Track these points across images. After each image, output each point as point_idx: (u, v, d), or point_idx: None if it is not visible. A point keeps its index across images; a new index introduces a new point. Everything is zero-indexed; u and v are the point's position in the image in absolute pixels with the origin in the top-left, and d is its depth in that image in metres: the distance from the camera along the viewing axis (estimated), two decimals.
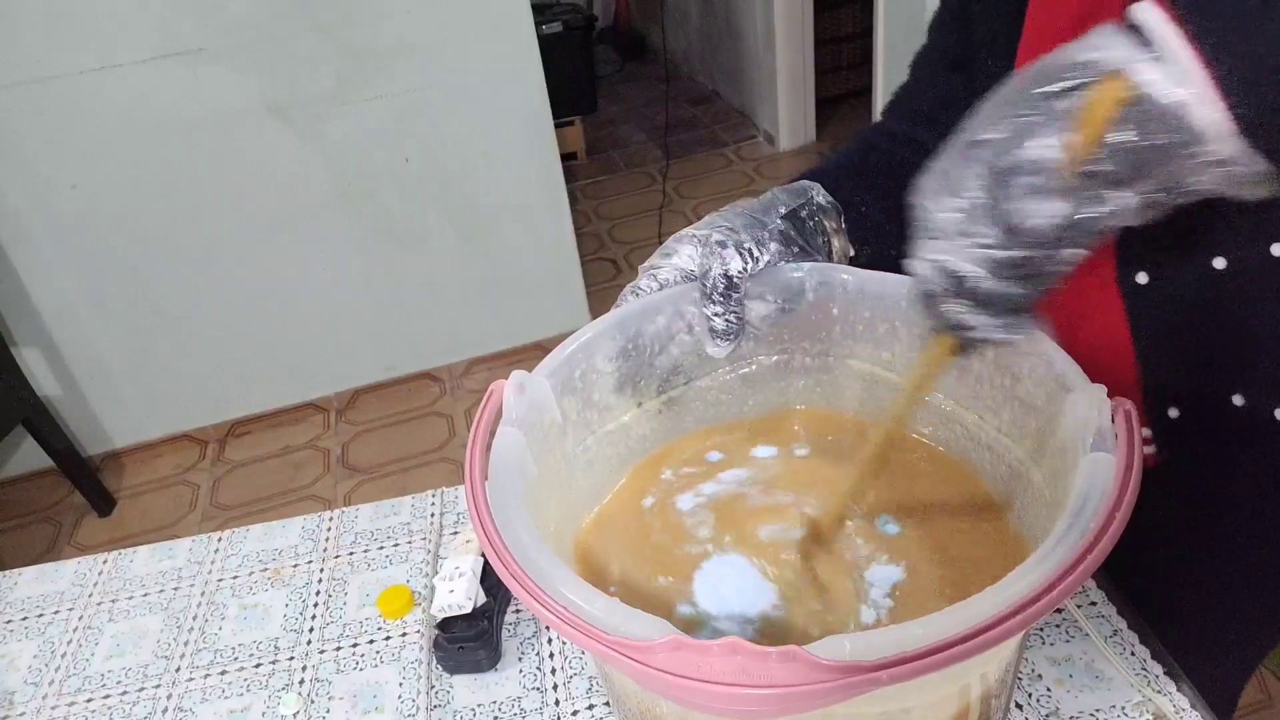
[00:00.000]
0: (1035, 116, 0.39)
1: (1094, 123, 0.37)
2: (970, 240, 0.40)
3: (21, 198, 2.00)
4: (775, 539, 0.57)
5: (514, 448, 0.50)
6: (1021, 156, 0.39)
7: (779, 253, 0.59)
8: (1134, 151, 0.37)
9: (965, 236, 0.40)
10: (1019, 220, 0.39)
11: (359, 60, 2.07)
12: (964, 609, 0.36)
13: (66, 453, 2.10)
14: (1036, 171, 0.38)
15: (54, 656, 0.77)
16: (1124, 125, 0.37)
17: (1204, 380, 0.59)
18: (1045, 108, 0.38)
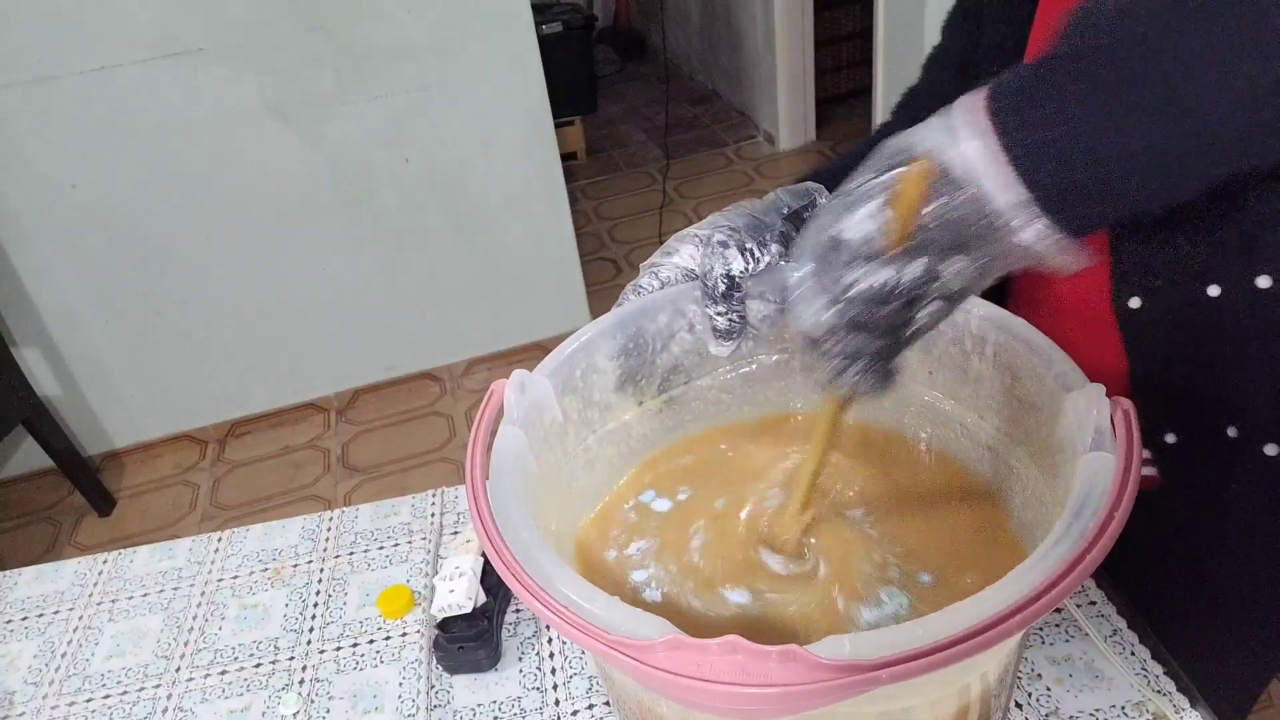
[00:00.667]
0: (859, 193, 0.43)
1: (909, 198, 0.41)
2: (820, 301, 0.44)
3: (21, 198, 2.00)
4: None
5: (515, 447, 0.50)
6: (843, 227, 0.43)
7: (780, 253, 0.59)
8: (944, 224, 0.41)
9: (817, 295, 0.44)
10: (846, 285, 0.43)
11: (359, 60, 2.07)
12: (964, 609, 0.36)
13: (66, 453, 2.10)
14: (856, 241, 0.42)
15: (54, 656, 0.77)
16: (932, 200, 0.41)
17: (1198, 409, 0.60)
18: (867, 186, 0.43)
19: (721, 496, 0.61)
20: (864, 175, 0.43)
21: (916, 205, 0.41)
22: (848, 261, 0.42)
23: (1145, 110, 0.38)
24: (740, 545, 0.57)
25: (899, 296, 0.42)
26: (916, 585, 0.53)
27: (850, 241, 0.42)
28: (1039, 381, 0.50)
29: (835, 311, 0.43)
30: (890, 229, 0.41)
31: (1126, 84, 0.38)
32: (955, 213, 0.41)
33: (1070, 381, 0.48)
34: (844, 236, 0.42)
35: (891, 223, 0.41)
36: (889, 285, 0.42)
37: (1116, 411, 0.43)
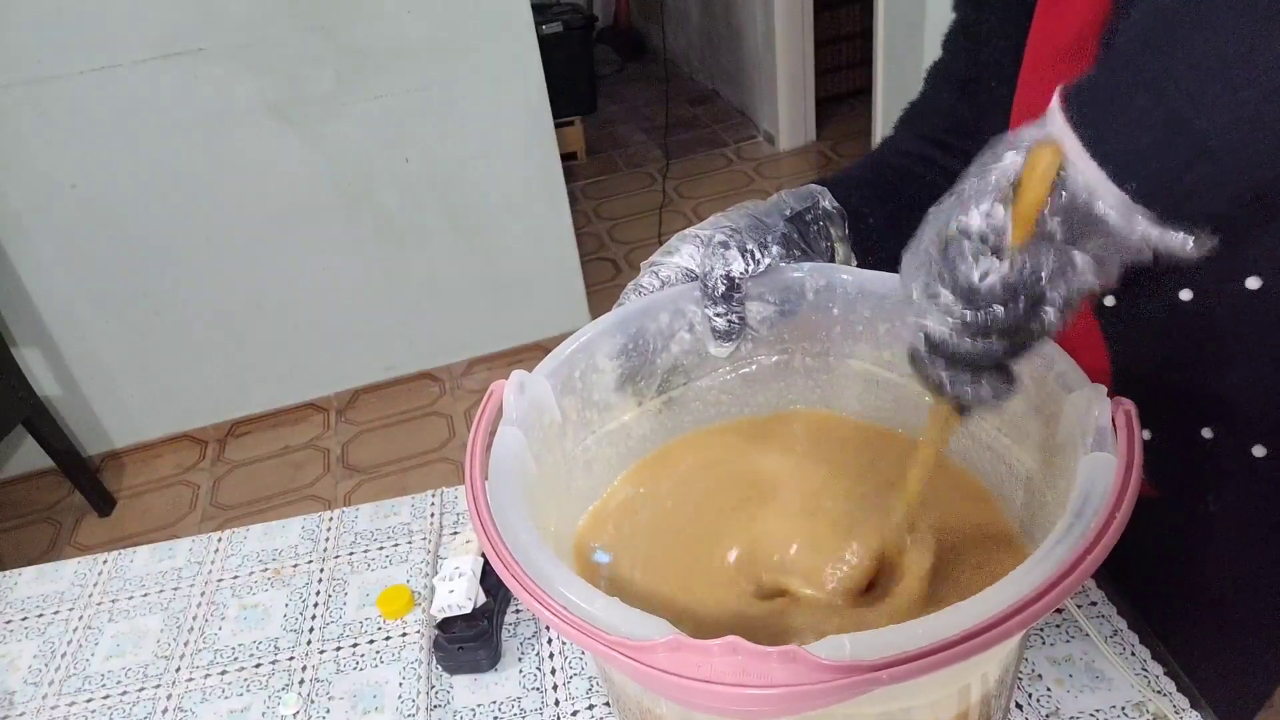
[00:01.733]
0: (979, 186, 0.41)
1: (1038, 184, 0.40)
2: (936, 304, 0.42)
3: (21, 198, 2.00)
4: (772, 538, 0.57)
5: (514, 447, 0.50)
6: (964, 223, 0.41)
7: (781, 255, 0.59)
8: (1066, 216, 0.40)
9: (931, 300, 0.42)
10: (965, 281, 0.41)
11: (359, 60, 2.07)
12: (964, 609, 0.36)
13: (66, 453, 2.10)
14: (977, 236, 0.41)
15: (54, 656, 0.77)
16: (1056, 191, 0.40)
17: (1173, 410, 0.60)
18: (987, 178, 0.41)
19: (722, 493, 0.61)
20: (974, 174, 0.42)
21: (1043, 193, 0.40)
22: (975, 254, 0.41)
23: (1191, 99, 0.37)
24: (742, 543, 0.57)
25: (1028, 289, 0.41)
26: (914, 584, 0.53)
27: (976, 233, 0.41)
28: (1039, 381, 0.50)
29: (964, 308, 0.41)
30: (1016, 218, 0.40)
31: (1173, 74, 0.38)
32: (1075, 205, 0.40)
33: (1071, 381, 0.47)
34: (970, 228, 0.41)
35: (1017, 212, 0.40)
36: (1019, 278, 0.40)
37: (1118, 412, 0.43)
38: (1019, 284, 0.41)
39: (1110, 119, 0.39)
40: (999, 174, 0.41)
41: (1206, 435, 0.60)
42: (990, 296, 0.41)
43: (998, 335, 0.42)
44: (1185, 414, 0.60)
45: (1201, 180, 0.38)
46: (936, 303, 0.42)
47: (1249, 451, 0.58)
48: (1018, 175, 0.40)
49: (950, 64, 0.72)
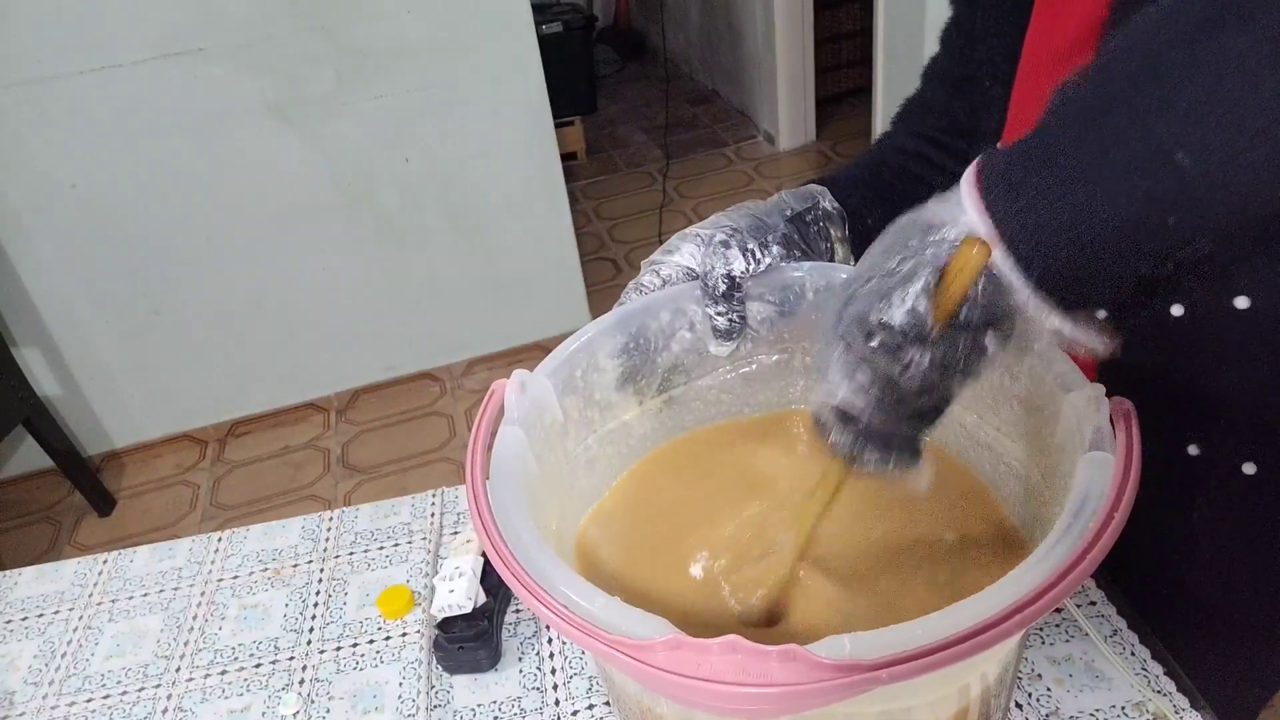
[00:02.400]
0: (899, 275, 0.42)
1: (963, 280, 0.40)
2: (855, 383, 0.43)
3: (21, 198, 2.00)
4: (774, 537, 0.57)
5: (515, 447, 0.50)
6: (889, 316, 0.41)
7: (781, 255, 0.59)
8: (984, 304, 0.41)
9: (850, 379, 0.43)
10: (887, 373, 0.42)
11: (359, 60, 2.07)
12: (964, 609, 0.36)
13: (66, 453, 2.10)
14: (899, 330, 0.41)
15: (54, 656, 0.77)
16: (983, 283, 0.40)
17: (1159, 425, 0.60)
18: (910, 269, 0.41)
19: (722, 493, 0.61)
20: (893, 256, 0.42)
21: (967, 288, 0.40)
22: (891, 349, 0.41)
23: (1129, 168, 0.37)
24: (742, 542, 0.57)
25: (944, 375, 0.42)
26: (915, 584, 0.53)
27: (899, 327, 0.41)
28: (1039, 382, 0.50)
29: (876, 393, 0.43)
30: (929, 311, 0.41)
31: (1108, 145, 0.38)
32: (988, 297, 0.40)
33: (1070, 382, 0.48)
34: (894, 322, 0.41)
35: (939, 304, 0.41)
36: (937, 367, 0.41)
37: (1117, 412, 0.43)
38: (937, 372, 0.42)
39: (1019, 205, 0.39)
40: (924, 267, 0.41)
41: (1193, 452, 0.60)
42: (909, 386, 0.42)
43: (912, 416, 0.44)
44: (1172, 429, 0.60)
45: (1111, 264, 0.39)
46: (856, 382, 0.43)
47: (1238, 468, 0.58)
48: (941, 268, 0.41)
49: (945, 61, 0.72)
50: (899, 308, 0.41)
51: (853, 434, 0.45)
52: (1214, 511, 0.61)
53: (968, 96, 0.69)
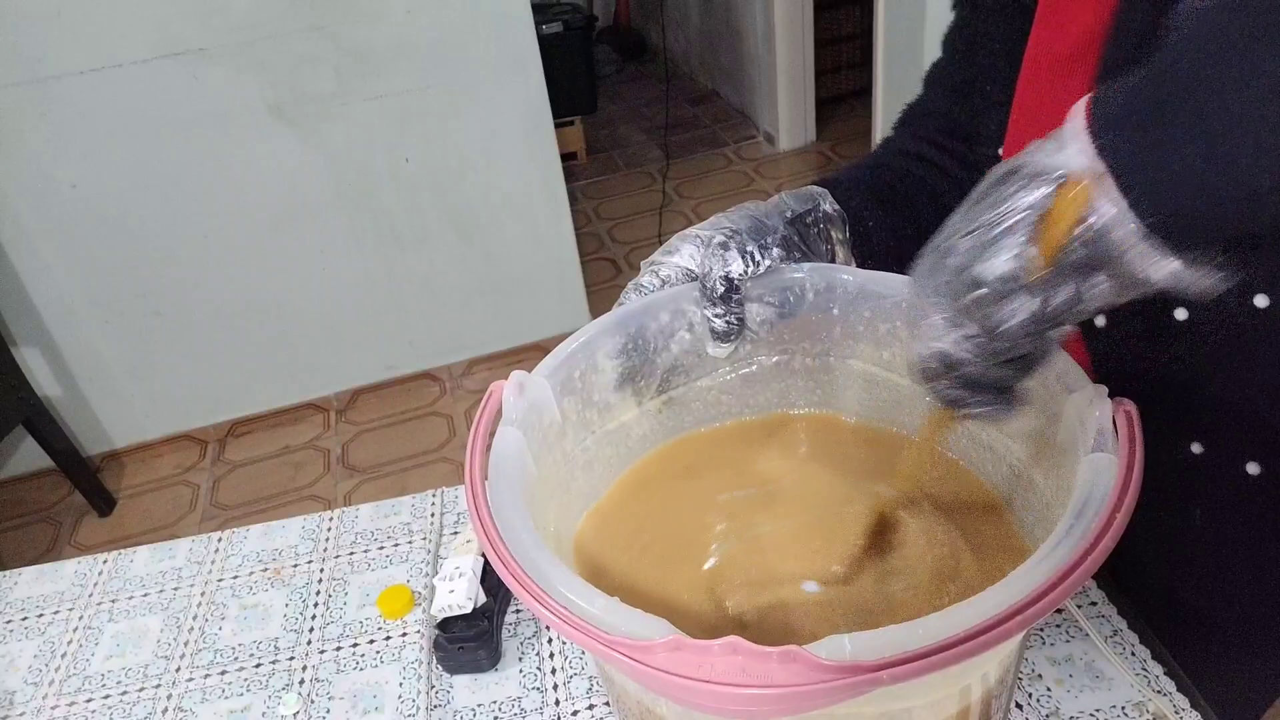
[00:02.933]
0: (997, 225, 0.41)
1: (1062, 224, 0.39)
2: (959, 333, 0.43)
3: (21, 198, 2.00)
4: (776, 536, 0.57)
5: (514, 448, 0.50)
6: (992, 266, 0.41)
7: (781, 258, 0.59)
8: (1086, 250, 0.39)
9: (954, 328, 0.43)
10: (994, 323, 0.42)
11: (359, 60, 2.07)
12: (964, 609, 0.36)
13: (66, 453, 2.10)
14: (1004, 278, 0.41)
15: (54, 656, 0.77)
16: (1090, 225, 0.39)
17: (1160, 425, 0.59)
18: (1006, 216, 0.41)
19: (723, 494, 0.61)
20: (989, 206, 0.41)
21: (1068, 231, 0.39)
22: (996, 299, 0.41)
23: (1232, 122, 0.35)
24: (743, 543, 0.57)
25: (1050, 323, 0.41)
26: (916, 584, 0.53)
27: (1004, 276, 0.41)
28: (1040, 382, 0.50)
29: (989, 341, 0.42)
30: (1035, 258, 0.40)
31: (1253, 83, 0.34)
32: (1093, 239, 0.39)
33: (1072, 382, 0.47)
34: (998, 272, 0.41)
35: (1044, 246, 0.40)
36: (1042, 314, 0.41)
37: (1119, 412, 0.43)
38: (1042, 319, 0.41)
39: (1142, 148, 0.37)
40: (1029, 212, 0.40)
41: (1196, 450, 0.60)
42: (1015, 334, 0.41)
43: (1015, 363, 0.43)
44: (1173, 429, 0.60)
45: (1238, 216, 0.37)
46: (960, 332, 0.43)
47: (1242, 469, 0.58)
48: (1043, 213, 0.40)
49: (947, 65, 0.72)
50: (1003, 256, 0.40)
51: (956, 382, 0.45)
52: (1216, 513, 0.61)
53: (969, 101, 0.69)
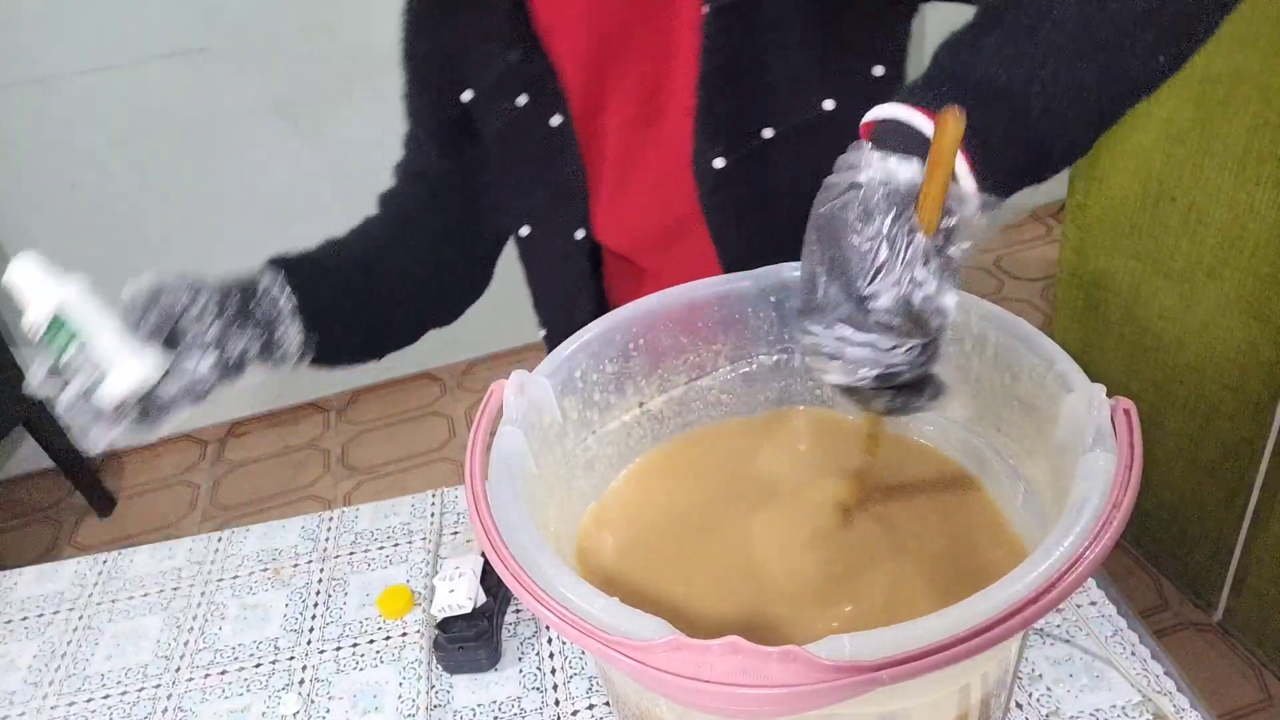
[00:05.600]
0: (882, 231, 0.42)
1: (943, 166, 0.41)
2: (889, 351, 0.43)
3: (21, 198, 2.00)
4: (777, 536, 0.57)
5: (514, 447, 0.50)
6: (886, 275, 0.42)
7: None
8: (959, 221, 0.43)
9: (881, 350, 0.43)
10: (912, 318, 0.42)
11: (360, 60, 2.06)
12: (964, 609, 0.36)
13: (66, 453, 2.10)
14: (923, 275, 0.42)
15: (54, 656, 0.77)
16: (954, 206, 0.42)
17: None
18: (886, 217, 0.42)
19: (722, 495, 0.61)
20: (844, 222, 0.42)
21: (952, 165, 0.41)
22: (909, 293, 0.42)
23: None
24: (742, 544, 0.57)
25: (950, 281, 0.42)
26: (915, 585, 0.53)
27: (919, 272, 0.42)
28: (1039, 381, 0.50)
29: (907, 351, 0.43)
30: (928, 203, 0.42)
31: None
32: (958, 195, 0.42)
33: (1070, 381, 0.47)
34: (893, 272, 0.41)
35: (929, 196, 0.41)
36: (945, 278, 0.42)
37: (1117, 411, 0.43)
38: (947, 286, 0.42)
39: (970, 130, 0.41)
40: (885, 199, 0.42)
41: None
42: (934, 317, 0.42)
43: (930, 350, 0.44)
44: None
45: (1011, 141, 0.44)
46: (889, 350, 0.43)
47: None
48: (902, 189, 0.42)
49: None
50: (909, 253, 0.41)
51: (890, 394, 0.46)
52: None
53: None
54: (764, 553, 0.56)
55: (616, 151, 0.71)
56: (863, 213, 0.42)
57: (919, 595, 0.52)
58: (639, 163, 0.70)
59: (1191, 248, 1.30)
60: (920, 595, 0.52)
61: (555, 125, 0.70)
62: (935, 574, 0.54)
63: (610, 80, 0.68)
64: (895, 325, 0.42)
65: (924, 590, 0.53)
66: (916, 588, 0.53)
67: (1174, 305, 1.37)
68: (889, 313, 0.42)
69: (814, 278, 0.44)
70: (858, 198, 0.42)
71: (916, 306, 0.42)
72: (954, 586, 0.53)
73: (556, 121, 0.70)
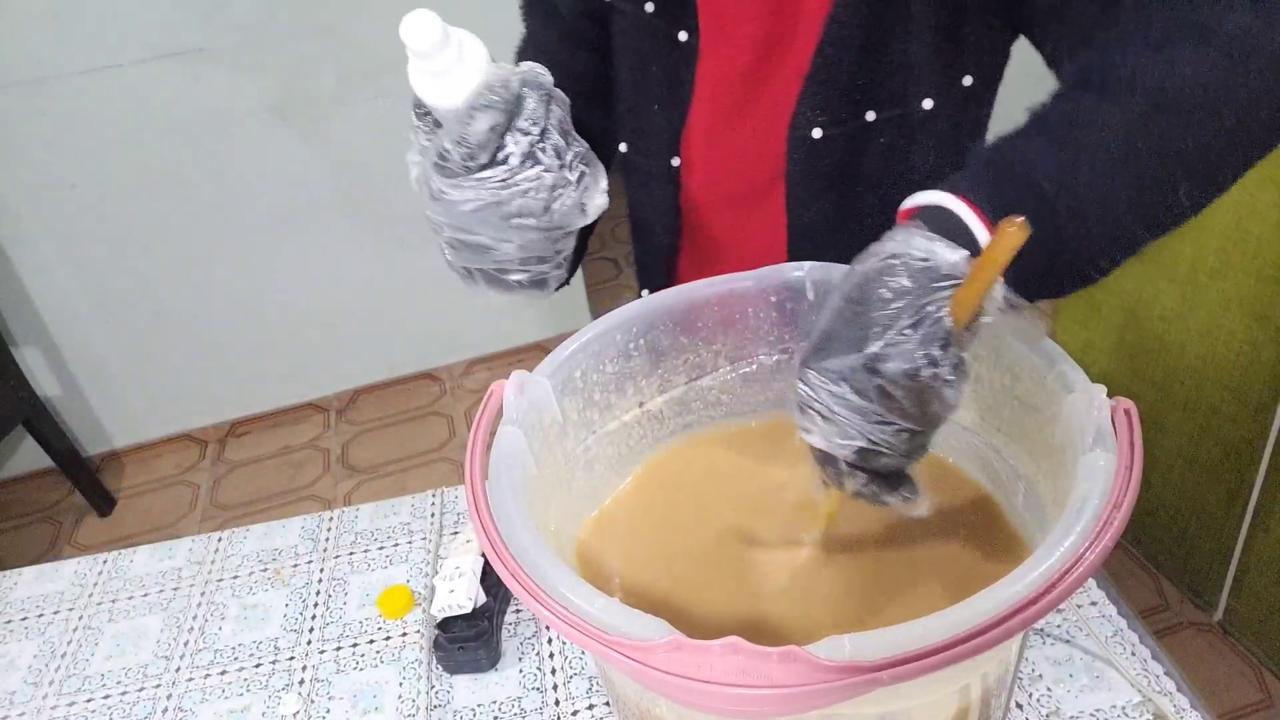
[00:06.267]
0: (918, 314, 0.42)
1: (990, 273, 0.41)
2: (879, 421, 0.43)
3: (21, 198, 2.00)
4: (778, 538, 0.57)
5: (514, 447, 0.50)
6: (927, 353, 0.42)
7: None
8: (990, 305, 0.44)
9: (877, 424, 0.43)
10: (927, 397, 0.42)
11: (360, 59, 2.07)
12: (964, 609, 0.36)
13: (66, 453, 2.10)
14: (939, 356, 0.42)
15: (54, 656, 0.77)
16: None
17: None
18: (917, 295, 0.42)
19: (722, 497, 0.61)
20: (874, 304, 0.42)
21: (997, 274, 0.41)
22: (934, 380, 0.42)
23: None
24: (742, 546, 0.57)
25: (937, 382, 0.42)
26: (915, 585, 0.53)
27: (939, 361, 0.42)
28: (1039, 381, 0.50)
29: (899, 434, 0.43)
30: (967, 302, 0.42)
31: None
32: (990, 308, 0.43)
33: (1071, 382, 0.47)
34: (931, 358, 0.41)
35: (968, 297, 0.42)
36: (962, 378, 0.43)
37: (1118, 412, 0.43)
38: (962, 386, 0.43)
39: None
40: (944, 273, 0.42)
41: None
42: (944, 411, 0.43)
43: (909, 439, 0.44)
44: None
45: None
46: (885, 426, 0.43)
47: None
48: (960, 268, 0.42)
49: None
50: (936, 339, 0.41)
51: (865, 478, 0.46)
52: None
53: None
54: (764, 553, 0.56)
55: (723, 99, 0.71)
56: (898, 280, 0.42)
57: (919, 595, 0.52)
58: (741, 114, 0.71)
59: (1193, 249, 1.30)
60: (920, 595, 0.52)
61: (681, 40, 0.70)
62: (935, 574, 0.54)
63: (734, 23, 0.68)
64: (895, 397, 0.42)
65: (924, 590, 0.53)
66: (917, 587, 0.53)
67: (1175, 306, 1.37)
68: (893, 381, 0.41)
69: (829, 329, 0.44)
70: (896, 266, 0.42)
71: (923, 383, 0.41)
72: (954, 586, 0.53)
73: (683, 37, 0.70)
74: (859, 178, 0.68)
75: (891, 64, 0.64)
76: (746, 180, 0.73)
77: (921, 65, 0.64)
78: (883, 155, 0.67)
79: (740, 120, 0.71)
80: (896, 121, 0.65)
